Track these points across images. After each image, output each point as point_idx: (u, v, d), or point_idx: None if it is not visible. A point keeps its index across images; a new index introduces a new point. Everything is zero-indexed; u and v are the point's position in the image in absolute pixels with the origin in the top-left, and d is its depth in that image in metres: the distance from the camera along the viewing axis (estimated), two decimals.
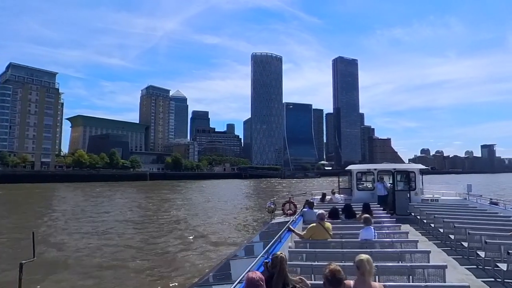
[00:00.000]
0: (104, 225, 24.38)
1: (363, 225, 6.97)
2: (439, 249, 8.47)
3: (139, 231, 21.98)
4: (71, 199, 48.66)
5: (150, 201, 44.23)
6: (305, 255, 6.00)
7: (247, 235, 18.44)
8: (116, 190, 66.60)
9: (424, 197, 15.31)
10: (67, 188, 73.65)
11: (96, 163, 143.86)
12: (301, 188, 66.58)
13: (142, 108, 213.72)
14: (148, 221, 26.40)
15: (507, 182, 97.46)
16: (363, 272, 3.44)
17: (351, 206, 10.15)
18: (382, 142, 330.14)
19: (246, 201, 44.60)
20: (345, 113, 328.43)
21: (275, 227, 9.90)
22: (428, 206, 12.71)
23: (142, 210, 35.20)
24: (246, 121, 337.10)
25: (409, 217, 12.87)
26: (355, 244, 6.49)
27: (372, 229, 6.80)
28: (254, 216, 28.23)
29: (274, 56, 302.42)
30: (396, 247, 6.25)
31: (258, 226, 20.79)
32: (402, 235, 7.56)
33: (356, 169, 16.48)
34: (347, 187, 17.09)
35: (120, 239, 19.23)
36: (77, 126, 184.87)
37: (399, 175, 15.64)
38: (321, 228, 6.93)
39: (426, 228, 10.86)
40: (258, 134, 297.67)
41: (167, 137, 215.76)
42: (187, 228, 22.56)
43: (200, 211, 32.89)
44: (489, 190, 41.78)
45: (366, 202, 10.50)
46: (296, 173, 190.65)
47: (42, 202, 44.42)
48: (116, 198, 49.88)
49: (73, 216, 29.49)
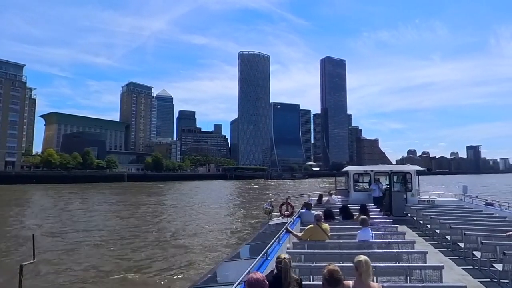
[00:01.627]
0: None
1: (360, 226, 6.99)
2: (436, 250, 8.54)
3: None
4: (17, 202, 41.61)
5: (114, 206, 39.12)
6: (304, 256, 6.03)
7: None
8: (84, 193, 60.42)
9: (420, 198, 15.40)
10: (29, 191, 65.81)
11: (67, 163, 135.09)
12: (287, 190, 62.04)
13: (123, 105, 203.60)
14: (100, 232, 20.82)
15: (495, 183, 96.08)
16: (362, 273, 3.51)
17: (348, 207, 10.12)
18: (369, 143, 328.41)
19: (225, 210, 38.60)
20: (333, 114, 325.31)
21: (273, 229, 9.98)
22: (424, 207, 12.73)
23: (100, 216, 30.31)
24: (233, 121, 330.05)
25: (405, 218, 12.89)
26: (353, 245, 6.54)
27: (369, 230, 6.83)
28: (236, 230, 23.10)
29: (262, 55, 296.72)
30: (393, 248, 6.30)
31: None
32: (399, 236, 7.55)
33: (353, 171, 16.45)
34: (344, 188, 16.96)
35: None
36: (51, 124, 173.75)
37: (395, 176, 15.68)
38: (319, 229, 6.96)
39: (423, 229, 10.87)
40: (245, 134, 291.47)
41: (148, 136, 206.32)
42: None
43: (166, 220, 28.24)
44: (479, 192, 40.12)
45: (363, 203, 10.52)
46: (283, 174, 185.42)
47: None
48: (75, 201, 44.20)
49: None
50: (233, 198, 52.21)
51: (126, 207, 38.13)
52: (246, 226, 23.88)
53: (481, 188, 62.84)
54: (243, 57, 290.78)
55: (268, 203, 14.24)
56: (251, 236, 12.86)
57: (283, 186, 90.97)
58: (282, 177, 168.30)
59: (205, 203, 41.47)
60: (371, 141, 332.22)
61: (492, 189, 62.85)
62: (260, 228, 12.76)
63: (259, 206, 30.61)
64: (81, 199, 47.55)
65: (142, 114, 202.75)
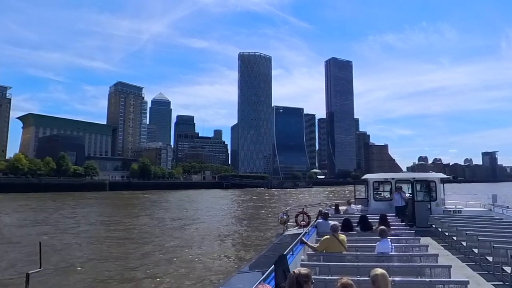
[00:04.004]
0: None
1: (379, 238, 6.74)
2: (462, 264, 8.20)
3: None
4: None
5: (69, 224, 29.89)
6: (319, 268, 5.81)
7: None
8: (44, 204, 50.69)
9: (446, 208, 14.73)
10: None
11: (38, 169, 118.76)
12: (287, 200, 54.44)
13: (110, 107, 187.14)
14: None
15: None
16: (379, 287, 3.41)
17: (367, 217, 9.76)
18: (379, 149, 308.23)
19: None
20: (339, 118, 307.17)
21: (288, 239, 9.74)
22: (450, 218, 12.12)
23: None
24: (233, 127, 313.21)
25: (429, 229, 12.40)
26: (371, 257, 6.30)
27: (388, 241, 6.57)
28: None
29: (263, 56, 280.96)
30: (415, 261, 6.06)
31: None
32: (422, 248, 7.24)
33: (372, 178, 15.77)
34: (363, 197, 16.53)
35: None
36: (29, 127, 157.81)
37: (418, 184, 14.82)
38: (335, 241, 6.77)
39: (448, 241, 10.45)
40: (246, 140, 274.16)
41: (138, 141, 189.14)
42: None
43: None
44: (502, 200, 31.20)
45: (383, 213, 9.93)
46: (285, 183, 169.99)
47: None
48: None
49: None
50: (222, 215, 40.46)
51: (82, 228, 27.68)
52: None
53: (503, 197, 51.90)
54: (243, 58, 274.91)
55: (284, 212, 13.81)
56: (265, 247, 12.03)
57: (282, 196, 79.40)
58: (284, 185, 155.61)
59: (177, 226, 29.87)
60: (381, 147, 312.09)
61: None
62: (275, 239, 12.23)
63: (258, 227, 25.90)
64: (24, 214, 37.78)
65: (131, 117, 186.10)
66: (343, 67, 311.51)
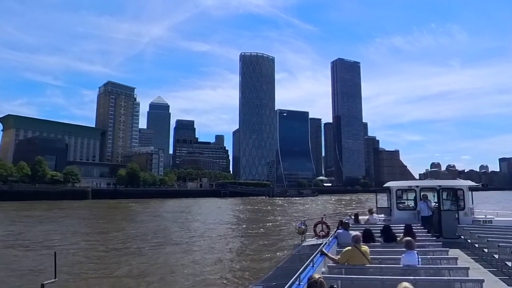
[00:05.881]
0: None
1: (405, 250, 6.47)
2: (495, 278, 7.71)
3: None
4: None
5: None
6: (340, 282, 5.58)
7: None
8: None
9: (475, 218, 13.86)
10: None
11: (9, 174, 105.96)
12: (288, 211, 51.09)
13: (99, 109, 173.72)
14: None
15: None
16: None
17: (390, 227, 9.34)
18: (389, 155, 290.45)
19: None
20: (346, 123, 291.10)
21: (307, 250, 9.68)
22: (480, 228, 11.34)
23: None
24: (235, 132, 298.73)
25: (458, 241, 11.60)
26: (397, 270, 6.00)
27: (415, 254, 6.31)
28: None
29: (266, 56, 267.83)
30: (444, 275, 5.80)
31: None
32: (451, 261, 6.96)
33: (395, 186, 14.80)
34: (386, 206, 15.80)
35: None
36: (9, 129, 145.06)
37: (445, 192, 14.07)
38: (358, 252, 6.52)
39: (479, 253, 9.87)
40: (247, 145, 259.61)
41: (129, 145, 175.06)
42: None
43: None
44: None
45: (408, 223, 9.52)
46: (288, 191, 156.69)
47: None
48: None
49: None
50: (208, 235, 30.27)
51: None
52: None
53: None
54: (244, 58, 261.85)
55: (302, 222, 13.30)
56: (283, 258, 12.42)
57: (285, 206, 70.36)
58: (287, 194, 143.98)
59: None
60: (391, 152, 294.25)
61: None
62: (293, 250, 12.27)
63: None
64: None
65: (122, 119, 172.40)
66: (350, 68, 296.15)
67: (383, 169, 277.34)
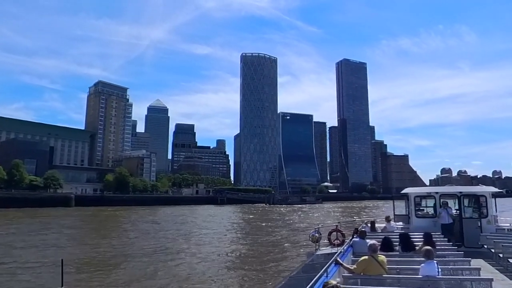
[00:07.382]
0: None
1: (424, 259, 6.31)
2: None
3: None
4: None
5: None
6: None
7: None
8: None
9: (499, 227, 13.21)
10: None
11: None
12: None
13: (89, 110, 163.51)
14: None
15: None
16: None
17: (409, 236, 8.89)
18: (398, 159, 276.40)
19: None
20: (352, 126, 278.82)
21: (321, 259, 9.52)
22: (505, 237, 10.83)
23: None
24: (236, 136, 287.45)
25: (480, 250, 11.06)
26: (416, 281, 5.82)
27: (435, 264, 6.14)
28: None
29: (268, 57, 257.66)
30: (465, 286, 5.64)
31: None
32: (473, 271, 6.69)
33: (414, 193, 14.15)
34: (404, 213, 14.99)
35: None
36: None
37: (466, 199, 13.34)
38: (374, 262, 6.33)
39: (503, 264, 9.43)
40: (248, 150, 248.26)
41: (121, 148, 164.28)
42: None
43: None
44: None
45: (427, 232, 9.18)
46: (290, 198, 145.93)
47: None
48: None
49: None
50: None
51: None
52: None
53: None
54: (245, 59, 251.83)
55: (315, 230, 12.74)
56: (296, 268, 11.87)
57: (283, 215, 62.16)
58: (289, 201, 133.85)
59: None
60: (400, 157, 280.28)
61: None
62: (307, 259, 11.90)
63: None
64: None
65: (113, 121, 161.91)
66: (356, 70, 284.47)
67: (392, 175, 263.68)
